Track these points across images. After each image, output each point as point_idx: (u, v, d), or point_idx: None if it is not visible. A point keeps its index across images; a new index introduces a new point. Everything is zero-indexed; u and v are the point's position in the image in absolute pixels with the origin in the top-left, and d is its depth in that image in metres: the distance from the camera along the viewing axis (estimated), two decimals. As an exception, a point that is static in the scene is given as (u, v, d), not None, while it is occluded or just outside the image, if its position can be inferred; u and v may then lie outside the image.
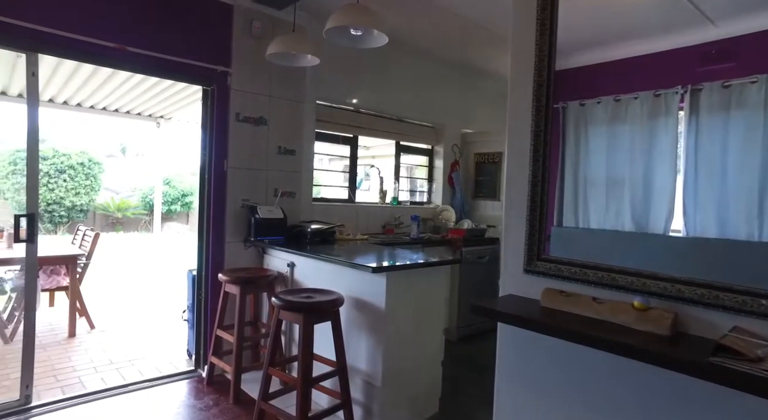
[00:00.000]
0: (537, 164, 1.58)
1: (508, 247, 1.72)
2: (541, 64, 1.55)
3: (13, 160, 14.04)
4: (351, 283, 2.54)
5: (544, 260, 1.56)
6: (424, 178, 4.99)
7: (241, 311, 2.77)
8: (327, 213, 3.71)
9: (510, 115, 1.72)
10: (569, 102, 1.61)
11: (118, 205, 16.70)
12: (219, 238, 3.09)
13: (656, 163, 1.50)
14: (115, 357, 3.42)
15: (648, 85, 1.54)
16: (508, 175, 1.73)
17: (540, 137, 1.57)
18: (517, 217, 1.68)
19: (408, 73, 4.33)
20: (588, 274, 1.45)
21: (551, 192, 1.62)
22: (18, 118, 15.92)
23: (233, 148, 3.13)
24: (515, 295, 1.67)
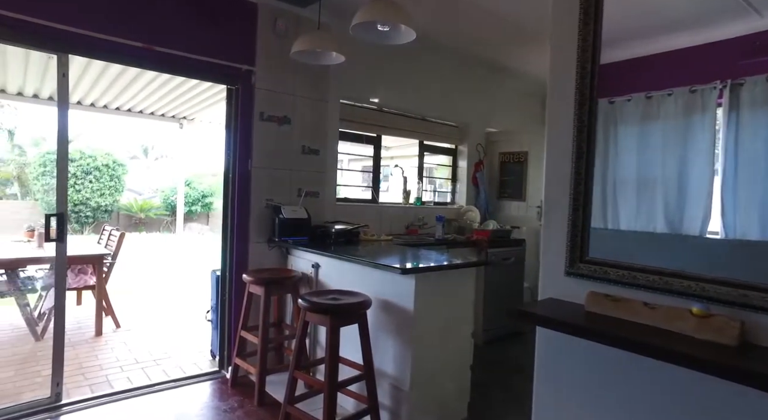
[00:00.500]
0: (580, 161, 1.49)
1: (548, 249, 1.64)
2: (585, 55, 1.47)
3: (43, 162, 14.45)
4: (378, 284, 2.49)
5: (588, 262, 1.48)
6: (446, 178, 4.91)
7: (265, 312, 2.74)
8: (350, 213, 3.66)
9: (550, 110, 1.64)
10: (598, 100, 1.53)
11: (141, 205, 17.02)
12: (243, 238, 3.07)
13: (691, 163, 1.43)
14: (140, 356, 3.43)
15: (682, 80, 1.47)
16: (547, 172, 1.64)
17: (583, 133, 1.48)
18: (558, 217, 1.59)
19: (431, 72, 4.26)
20: (637, 278, 1.36)
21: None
22: (48, 122, 16.40)
23: (257, 147, 3.11)
24: (556, 298, 1.59)
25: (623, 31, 1.58)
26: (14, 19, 2.26)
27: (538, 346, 1.64)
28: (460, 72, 4.51)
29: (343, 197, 3.79)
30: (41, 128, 16.72)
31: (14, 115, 10.25)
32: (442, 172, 5.27)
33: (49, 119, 16.33)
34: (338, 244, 3.13)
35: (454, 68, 4.45)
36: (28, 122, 18.46)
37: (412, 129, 4.32)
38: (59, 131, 2.52)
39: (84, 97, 4.85)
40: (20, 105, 12.52)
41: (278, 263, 3.23)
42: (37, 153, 15.94)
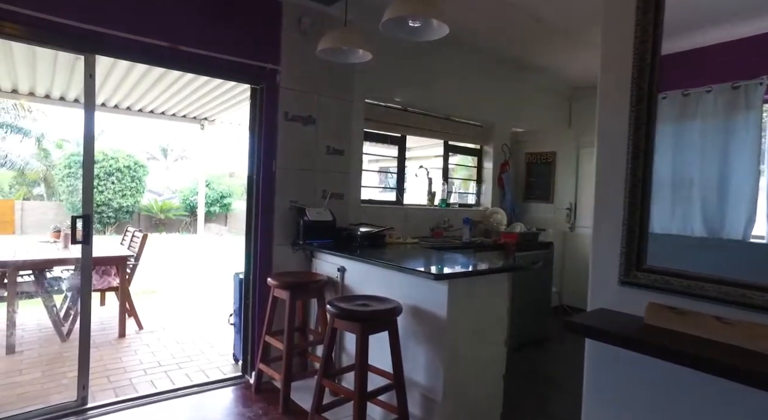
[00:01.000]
0: (637, 161, 1.38)
1: (600, 256, 1.53)
2: (643, 46, 1.35)
3: (68, 164, 14.75)
4: (407, 289, 2.39)
5: (647, 271, 1.36)
6: (467, 178, 4.80)
7: (290, 318, 2.67)
8: (374, 215, 3.58)
9: (601, 107, 1.52)
10: (658, 95, 1.42)
11: (161, 206, 17.26)
12: (267, 241, 3.01)
13: (733, 163, 1.35)
14: (163, 359, 3.41)
15: (723, 76, 1.38)
16: (599, 173, 1.53)
17: (641, 130, 1.37)
18: (610, 221, 1.48)
19: (456, 70, 4.16)
20: (707, 289, 1.24)
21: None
22: (72, 124, 16.76)
23: (282, 148, 3.05)
24: (608, 309, 1.47)
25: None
26: (43, 19, 2.24)
27: (589, 360, 1.53)
28: (484, 70, 4.40)
29: (366, 199, 3.70)
30: (66, 131, 17.11)
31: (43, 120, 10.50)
32: (460, 172, 5.16)
33: (73, 122, 16.71)
34: (364, 247, 3.04)
35: (478, 67, 4.34)
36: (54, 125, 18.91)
37: (437, 129, 4.22)
38: (85, 133, 2.49)
39: (108, 99, 4.87)
40: (46, 107, 12.82)
41: (302, 266, 3.16)
42: (62, 154, 16.31)
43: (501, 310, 2.50)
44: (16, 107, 8.38)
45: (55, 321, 3.69)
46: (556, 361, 3.76)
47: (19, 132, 8.78)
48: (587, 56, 4.20)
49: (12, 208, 15.35)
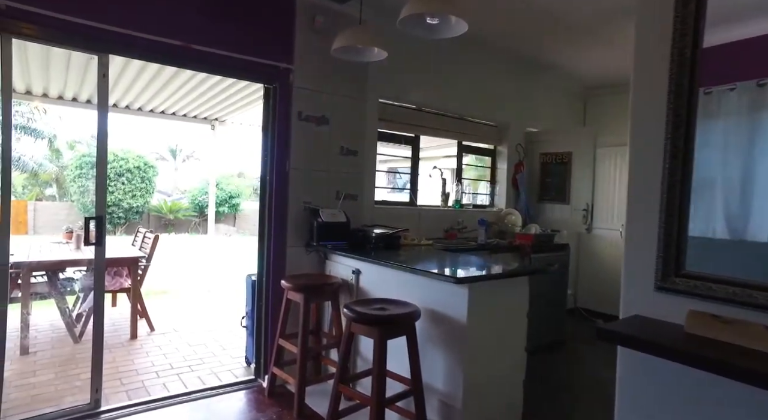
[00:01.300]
0: (675, 161, 1.31)
1: (633, 260, 1.46)
2: (683, 40, 1.28)
3: (79, 165, 14.87)
4: (425, 293, 2.33)
5: (686, 276, 1.29)
6: (483, 179, 4.72)
7: (305, 321, 2.62)
8: (388, 216, 3.52)
9: (635, 104, 1.45)
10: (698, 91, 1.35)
11: (170, 206, 17.34)
12: (280, 242, 2.97)
13: (759, 163, 1.30)
14: (175, 361, 3.38)
15: (748, 74, 1.34)
16: (632, 173, 1.46)
17: (680, 129, 1.30)
18: (645, 224, 1.41)
19: (470, 70, 4.09)
20: (755, 297, 1.17)
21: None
22: (84, 125, 16.90)
23: (295, 148, 3.00)
24: (643, 316, 1.40)
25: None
26: (58, 19, 2.21)
27: (622, 370, 1.46)
28: (499, 70, 4.33)
29: (380, 200, 3.65)
30: (77, 132, 17.26)
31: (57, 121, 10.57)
32: (469, 172, 5.08)
33: (84, 123, 16.86)
34: (378, 248, 2.99)
35: (492, 66, 4.27)
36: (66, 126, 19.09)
37: (451, 129, 4.15)
38: (99, 133, 2.46)
39: (120, 100, 4.86)
40: (59, 109, 12.93)
41: (316, 268, 3.12)
42: (73, 155, 16.46)
43: (521, 314, 2.43)
44: (32, 110, 8.46)
45: (68, 323, 3.68)
46: (574, 365, 3.68)
47: (33, 134, 8.86)
48: (602, 55, 4.12)
49: (25, 209, 15.52)
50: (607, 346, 4.52)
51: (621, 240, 4.81)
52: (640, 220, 1.44)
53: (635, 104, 1.45)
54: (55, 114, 11.07)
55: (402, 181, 6.20)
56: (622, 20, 3.36)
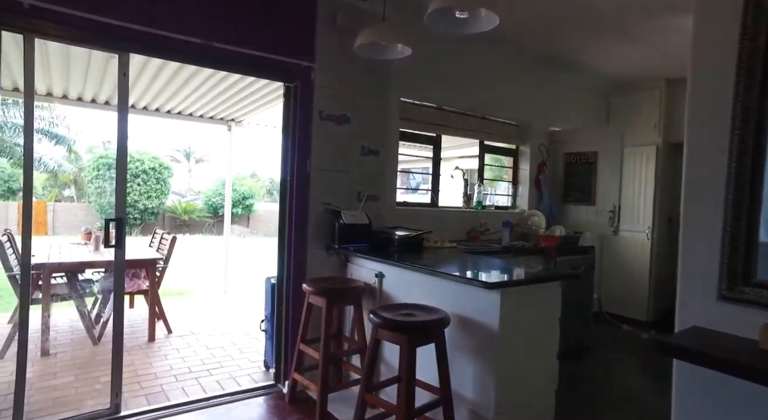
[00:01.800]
0: (744, 158, 1.20)
1: (691, 266, 1.35)
2: (757, 24, 1.17)
3: (96, 166, 15.06)
4: (453, 298, 2.24)
5: (758, 286, 1.18)
6: (501, 179, 4.61)
7: (327, 326, 2.54)
8: (410, 218, 3.43)
9: (693, 97, 1.34)
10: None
11: (185, 207, 17.47)
12: (301, 245, 2.90)
13: None
14: (193, 365, 3.33)
15: None
16: (689, 172, 1.35)
17: (749, 124, 1.19)
18: (706, 227, 1.30)
19: (493, 68, 3.98)
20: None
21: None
22: (101, 128, 17.13)
23: (316, 148, 2.93)
24: (704, 328, 1.30)
25: None
26: (79, 17, 2.18)
27: (680, 387, 1.35)
28: (521, 68, 4.22)
29: (401, 201, 3.56)
30: (95, 134, 17.52)
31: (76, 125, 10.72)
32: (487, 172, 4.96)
33: (101, 125, 17.09)
34: (401, 251, 2.90)
35: (515, 65, 4.16)
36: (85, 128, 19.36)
37: (473, 128, 4.05)
38: (119, 133, 2.42)
39: (138, 101, 4.85)
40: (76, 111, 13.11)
41: (337, 271, 3.04)
42: (90, 157, 16.69)
43: (553, 320, 2.32)
44: (52, 113, 8.61)
45: (88, 325, 3.65)
46: (602, 373, 3.55)
47: (54, 138, 8.99)
48: (626, 51, 3.99)
49: (45, 210, 15.77)
50: (634, 352, 4.38)
51: (647, 242, 4.68)
52: (698, 224, 1.33)
53: (694, 98, 1.34)
54: (74, 117, 11.23)
55: (415, 182, 6.10)
56: (648, 15, 3.24)
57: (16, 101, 8.35)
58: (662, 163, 4.63)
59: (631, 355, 3.99)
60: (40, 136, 8.90)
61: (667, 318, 4.65)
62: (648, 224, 4.66)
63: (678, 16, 3.23)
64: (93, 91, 4.49)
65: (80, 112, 16.92)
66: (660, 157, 4.61)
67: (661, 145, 4.62)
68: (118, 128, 2.43)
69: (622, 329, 4.53)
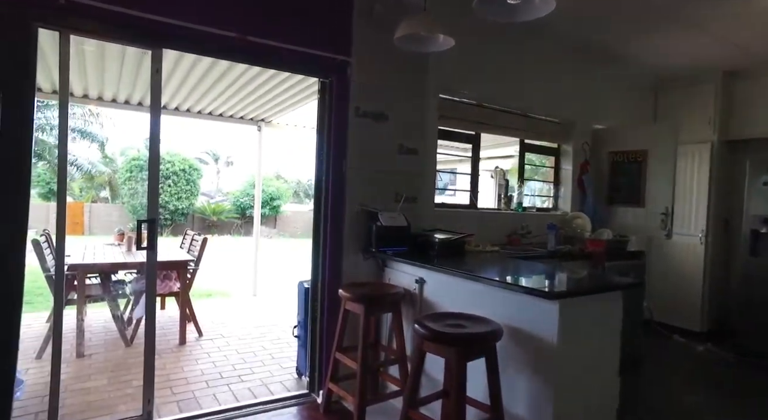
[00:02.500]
0: None
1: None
2: None
3: (129, 168, 15.45)
4: (502, 307, 2.06)
5: None
6: (537, 179, 4.38)
7: (365, 334, 2.40)
8: (447, 220, 3.25)
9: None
10: None
11: (213, 208, 17.73)
12: (337, 248, 2.77)
13: None
14: (224, 370, 3.25)
15: None
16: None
17: None
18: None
19: (535, 63, 3.78)
20: None
21: None
22: (134, 130, 17.61)
23: (352, 146, 2.80)
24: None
25: None
26: (112, 12, 2.11)
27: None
28: (564, 63, 3.99)
29: (439, 202, 3.39)
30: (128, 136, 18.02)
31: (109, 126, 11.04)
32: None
33: (134, 127, 17.55)
34: (442, 255, 2.74)
35: (558, 58, 3.94)
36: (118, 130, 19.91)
37: (513, 126, 3.85)
38: (151, 132, 2.35)
39: (169, 102, 4.85)
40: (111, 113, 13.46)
41: (374, 276, 2.90)
42: (124, 159, 17.16)
43: (614, 333, 2.11)
44: (85, 112, 8.84)
45: (120, 327, 3.63)
46: (657, 388, 3.28)
47: (86, 136, 9.23)
48: (678, 42, 3.72)
49: (82, 210, 16.29)
50: (690, 366, 4.04)
51: (700, 247, 4.36)
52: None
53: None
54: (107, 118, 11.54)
55: (442, 182, 5.92)
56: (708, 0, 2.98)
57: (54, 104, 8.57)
58: (717, 161, 4.31)
59: (688, 369, 3.70)
60: (75, 135, 9.12)
61: (722, 329, 4.32)
62: (701, 228, 4.34)
63: (744, 1, 2.96)
64: (127, 91, 4.50)
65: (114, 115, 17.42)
66: (715, 155, 4.29)
67: (716, 142, 4.30)
68: (150, 127, 2.35)
69: (673, 340, 4.22)
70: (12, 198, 1.96)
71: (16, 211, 1.97)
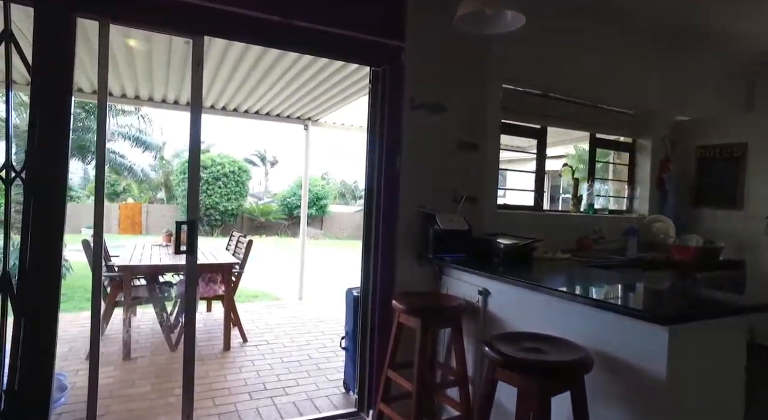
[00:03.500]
0: None
1: None
2: None
3: (182, 170, 16.00)
4: (590, 329, 1.71)
5: None
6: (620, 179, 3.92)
7: (422, 352, 2.12)
8: (509, 223, 2.90)
9: None
10: None
11: (261, 209, 18.06)
12: (389, 254, 2.51)
13: None
14: (268, 381, 3.07)
15: None
16: None
17: None
18: None
19: (607, 47, 3.35)
20: None
21: None
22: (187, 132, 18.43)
23: (406, 141, 2.53)
24: None
25: None
26: (150, -4, 1.96)
27: None
28: (641, 45, 3.52)
29: (501, 203, 3.05)
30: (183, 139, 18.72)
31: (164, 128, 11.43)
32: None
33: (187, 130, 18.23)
34: (508, 263, 2.41)
35: (633, 40, 3.48)
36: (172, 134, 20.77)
37: (582, 119, 3.44)
38: (191, 129, 2.19)
39: (216, 101, 4.80)
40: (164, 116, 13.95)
41: (429, 285, 2.61)
42: (179, 161, 17.83)
43: (738, 369, 1.71)
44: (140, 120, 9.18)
45: (166, 331, 3.55)
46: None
47: (142, 144, 9.56)
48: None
49: (140, 211, 17.09)
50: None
51: (807, 256, 3.73)
52: None
53: None
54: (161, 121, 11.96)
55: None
56: None
57: (111, 106, 8.90)
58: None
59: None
60: (132, 143, 9.46)
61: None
62: (810, 233, 3.70)
63: None
64: (175, 92, 4.47)
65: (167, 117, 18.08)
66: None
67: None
68: (190, 125, 2.19)
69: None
70: (46, 200, 1.84)
71: (51, 213, 1.84)
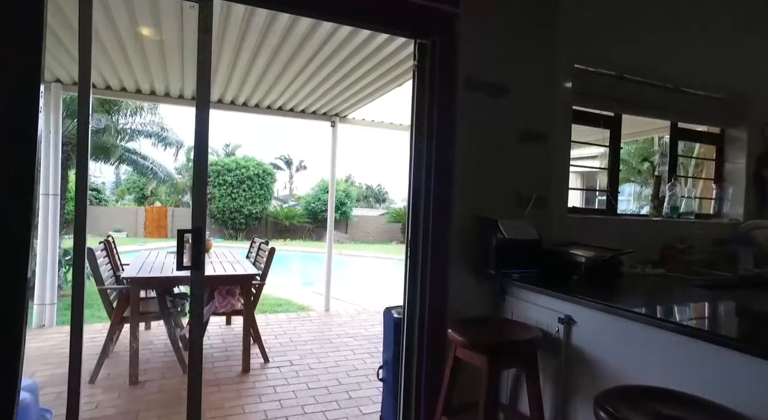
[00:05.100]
0: None
1: None
2: None
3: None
4: (754, 389, 1.19)
5: None
6: (704, 177, 3.33)
7: (488, 397, 1.63)
8: (577, 230, 2.38)
9: None
10: None
11: (286, 213, 17.80)
12: (441, 269, 2.03)
13: None
14: (292, 413, 2.63)
15: None
16: None
17: None
18: None
19: (692, 17, 2.80)
20: None
21: None
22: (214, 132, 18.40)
23: (461, 130, 2.05)
24: None
25: None
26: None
27: None
28: (735, 14, 2.94)
29: (570, 207, 2.52)
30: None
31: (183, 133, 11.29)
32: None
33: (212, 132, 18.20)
34: (590, 281, 1.90)
35: (725, 9, 2.90)
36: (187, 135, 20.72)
37: (662, 105, 2.88)
38: (197, 123, 1.77)
39: (236, 96, 4.43)
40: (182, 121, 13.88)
41: (487, 305, 2.11)
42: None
43: None
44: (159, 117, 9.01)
45: (177, 351, 3.16)
46: None
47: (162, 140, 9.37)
48: None
49: (166, 214, 17.11)
50: None
51: None
52: None
53: None
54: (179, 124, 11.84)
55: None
56: None
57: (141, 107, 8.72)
58: None
59: None
60: (154, 140, 9.25)
61: None
62: None
63: None
64: (191, 88, 4.13)
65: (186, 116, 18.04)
66: None
67: None
68: (196, 118, 1.78)
69: None
70: (7, 199, 1.44)
71: (21, 211, 1.45)
